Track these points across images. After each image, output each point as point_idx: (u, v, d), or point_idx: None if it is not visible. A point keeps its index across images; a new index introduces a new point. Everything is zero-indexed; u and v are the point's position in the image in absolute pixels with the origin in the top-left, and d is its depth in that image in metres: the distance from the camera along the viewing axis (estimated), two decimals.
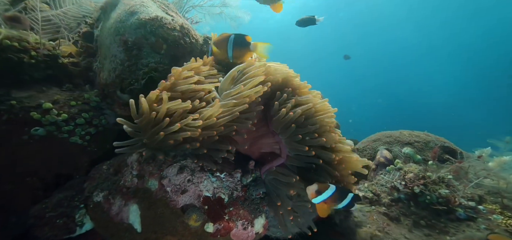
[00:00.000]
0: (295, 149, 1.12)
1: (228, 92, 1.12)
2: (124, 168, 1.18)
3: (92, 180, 1.19)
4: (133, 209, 1.07)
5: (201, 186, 1.07)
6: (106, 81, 1.42)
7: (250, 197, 1.19)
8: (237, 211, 1.09)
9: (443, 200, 1.26)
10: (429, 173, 1.37)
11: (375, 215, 1.28)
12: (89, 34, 1.74)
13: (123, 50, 1.40)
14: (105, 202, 1.11)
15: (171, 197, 1.04)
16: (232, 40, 1.28)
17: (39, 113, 1.21)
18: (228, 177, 1.18)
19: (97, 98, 1.44)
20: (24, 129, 1.18)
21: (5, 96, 1.21)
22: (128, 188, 1.10)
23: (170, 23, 1.48)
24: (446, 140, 2.46)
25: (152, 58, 1.42)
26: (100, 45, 1.58)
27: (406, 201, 1.37)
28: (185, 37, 1.54)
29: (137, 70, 1.37)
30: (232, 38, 1.28)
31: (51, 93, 1.38)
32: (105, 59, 1.47)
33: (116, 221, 1.08)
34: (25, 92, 1.30)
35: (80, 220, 1.14)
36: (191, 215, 0.96)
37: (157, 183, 1.07)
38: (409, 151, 1.67)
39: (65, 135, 1.24)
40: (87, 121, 1.33)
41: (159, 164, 1.10)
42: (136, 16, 1.44)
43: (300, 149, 1.08)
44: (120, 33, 1.42)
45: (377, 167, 1.69)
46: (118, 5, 1.59)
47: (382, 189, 1.48)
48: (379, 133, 2.83)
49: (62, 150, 1.25)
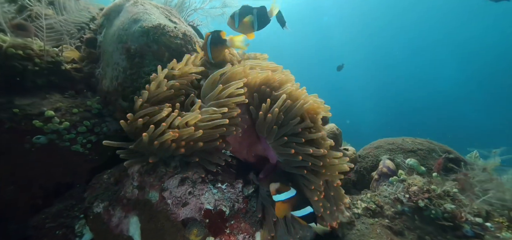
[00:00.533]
0: (282, 154, 1.12)
1: (208, 96, 1.12)
2: (125, 178, 1.17)
3: (92, 190, 1.18)
4: (133, 221, 1.06)
5: (202, 198, 1.05)
6: (108, 88, 1.42)
7: (252, 209, 1.18)
8: (238, 224, 1.07)
9: (448, 215, 1.23)
10: (434, 186, 1.34)
11: (379, 228, 1.25)
12: (92, 40, 1.74)
13: (125, 57, 1.40)
14: (105, 213, 1.10)
15: (172, 210, 1.02)
16: (209, 40, 1.29)
17: (41, 121, 1.21)
18: (229, 188, 1.17)
19: (99, 105, 1.43)
20: (26, 137, 1.18)
21: (8, 103, 1.21)
22: (128, 199, 1.09)
23: (172, 31, 1.48)
24: (449, 148, 2.42)
25: (154, 66, 1.41)
26: (103, 51, 1.58)
27: (410, 214, 1.34)
28: (187, 45, 1.54)
29: (139, 78, 1.36)
30: (209, 38, 1.30)
31: (53, 99, 1.37)
32: (108, 66, 1.47)
33: (116, 233, 1.07)
34: (28, 99, 1.30)
35: (79, 230, 1.13)
36: (192, 229, 0.95)
37: (158, 195, 1.06)
38: (413, 163, 1.65)
39: (66, 143, 1.23)
40: (88, 129, 1.33)
41: (160, 175, 1.09)
42: (139, 23, 1.44)
43: (286, 153, 1.08)
44: (123, 40, 1.42)
45: (380, 177, 1.66)
46: (121, 12, 1.59)
47: (385, 201, 1.46)
48: (381, 140, 2.79)
49: (63, 159, 1.25)
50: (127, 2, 1.63)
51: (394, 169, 1.67)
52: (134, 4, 1.59)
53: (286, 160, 1.15)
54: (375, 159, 2.37)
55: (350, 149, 2.18)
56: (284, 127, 1.11)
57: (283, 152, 1.12)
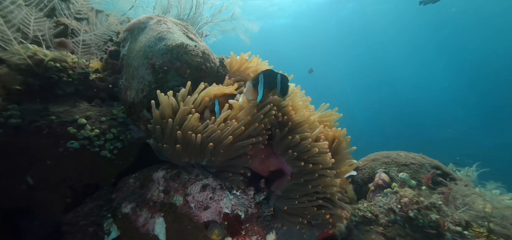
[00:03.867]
0: (295, 166, 1.27)
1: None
2: (150, 183, 1.30)
3: (119, 192, 1.31)
4: (159, 222, 1.19)
5: (221, 203, 1.20)
6: (133, 100, 1.56)
7: (263, 214, 1.32)
8: (252, 227, 1.22)
9: (434, 224, 1.40)
10: (422, 198, 1.52)
11: (374, 234, 1.41)
12: (115, 52, 1.88)
13: (150, 72, 1.55)
14: (132, 213, 1.23)
15: (195, 212, 1.16)
16: (262, 80, 1.20)
17: (75, 127, 1.34)
18: (243, 194, 1.32)
19: (124, 114, 1.57)
20: (61, 142, 1.31)
21: (44, 111, 1.34)
22: (154, 202, 1.22)
23: (193, 49, 1.64)
24: (439, 163, 2.63)
25: (177, 82, 1.56)
26: (127, 64, 1.73)
27: (401, 223, 1.51)
28: (206, 63, 1.70)
29: (163, 92, 1.51)
30: (261, 78, 1.20)
31: (82, 108, 1.50)
32: (133, 79, 1.61)
33: (142, 232, 1.20)
34: (61, 107, 1.43)
35: (107, 229, 1.25)
36: (214, 230, 1.09)
37: (182, 198, 1.19)
38: (404, 177, 1.83)
39: (96, 149, 1.36)
40: (115, 136, 1.46)
41: (184, 182, 1.23)
42: (164, 42, 1.59)
43: (298, 165, 1.23)
44: (148, 57, 1.57)
45: (376, 189, 1.83)
46: (146, 29, 1.74)
47: (380, 210, 1.63)
48: (377, 153, 2.99)
49: (92, 163, 1.37)
50: (150, 20, 1.79)
51: (389, 182, 1.85)
52: (158, 23, 1.75)
53: (300, 171, 1.30)
54: (372, 171, 2.55)
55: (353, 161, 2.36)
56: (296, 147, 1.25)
57: (295, 165, 1.27)
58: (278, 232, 1.31)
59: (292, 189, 1.28)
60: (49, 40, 1.40)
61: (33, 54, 1.31)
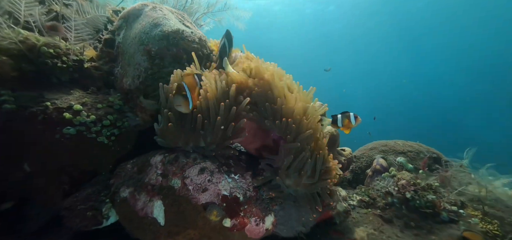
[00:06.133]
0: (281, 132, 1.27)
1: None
2: (148, 167, 1.30)
3: (117, 178, 1.31)
4: (157, 205, 1.19)
5: (220, 185, 1.20)
6: (129, 86, 1.54)
7: (261, 197, 1.33)
8: (250, 209, 1.22)
9: (430, 204, 1.42)
10: (419, 180, 1.53)
11: (371, 216, 1.43)
12: (110, 41, 1.86)
13: (146, 59, 1.53)
14: (131, 197, 1.23)
15: (193, 195, 1.16)
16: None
17: (71, 113, 1.33)
18: (241, 178, 1.32)
19: (120, 101, 1.56)
20: (57, 128, 1.29)
21: (39, 97, 1.32)
22: (153, 186, 1.22)
23: (190, 35, 1.62)
24: (435, 151, 2.66)
25: (173, 67, 1.55)
26: (122, 52, 1.71)
27: (398, 205, 1.53)
28: (203, 49, 1.68)
29: (159, 78, 1.50)
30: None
31: (78, 95, 1.49)
32: (129, 66, 1.59)
33: (141, 215, 1.20)
34: (56, 94, 1.41)
35: (106, 213, 1.25)
36: (212, 211, 1.09)
37: (180, 182, 1.19)
38: (402, 160, 1.85)
39: (93, 135, 1.35)
40: (111, 123, 1.45)
41: (182, 165, 1.23)
42: (160, 28, 1.57)
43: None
44: (144, 43, 1.55)
45: (373, 173, 1.85)
46: (141, 16, 1.72)
47: (378, 194, 1.64)
48: (375, 142, 3.01)
49: (90, 149, 1.36)
50: (146, 7, 1.76)
51: (386, 167, 1.86)
52: (153, 9, 1.72)
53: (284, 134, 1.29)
54: (369, 159, 2.57)
55: (346, 149, 2.37)
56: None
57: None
58: (277, 214, 1.32)
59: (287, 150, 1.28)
60: (41, 26, 1.37)
61: (24, 39, 1.28)
